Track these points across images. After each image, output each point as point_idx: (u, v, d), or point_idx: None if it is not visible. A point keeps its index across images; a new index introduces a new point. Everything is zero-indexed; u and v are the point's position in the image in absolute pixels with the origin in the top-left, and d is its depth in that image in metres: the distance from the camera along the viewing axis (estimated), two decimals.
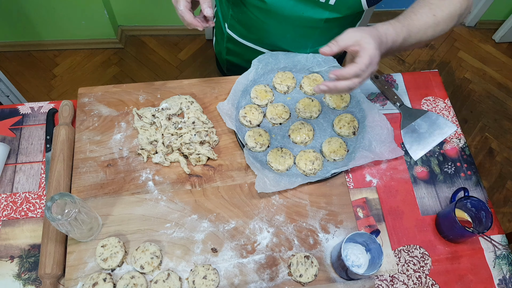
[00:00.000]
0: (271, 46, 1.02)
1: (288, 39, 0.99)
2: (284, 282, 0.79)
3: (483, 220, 0.82)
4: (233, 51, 1.12)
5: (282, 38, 0.98)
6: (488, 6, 2.31)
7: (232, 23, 1.03)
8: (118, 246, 0.79)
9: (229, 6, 1.00)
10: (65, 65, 2.17)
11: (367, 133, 0.93)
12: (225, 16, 1.04)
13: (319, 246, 0.83)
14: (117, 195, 0.86)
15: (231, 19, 1.02)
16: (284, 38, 0.99)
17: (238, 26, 1.02)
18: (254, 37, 1.03)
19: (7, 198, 0.87)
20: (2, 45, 2.15)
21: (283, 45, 1.01)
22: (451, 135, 1.00)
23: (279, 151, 0.90)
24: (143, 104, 0.97)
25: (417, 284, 0.82)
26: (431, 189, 0.92)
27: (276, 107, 0.96)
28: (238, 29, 1.03)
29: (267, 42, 1.02)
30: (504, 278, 0.83)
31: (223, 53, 1.16)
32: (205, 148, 0.90)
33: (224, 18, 1.06)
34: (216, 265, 0.80)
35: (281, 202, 0.87)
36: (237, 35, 1.05)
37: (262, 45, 1.04)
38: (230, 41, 1.09)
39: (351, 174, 0.93)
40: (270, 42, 1.01)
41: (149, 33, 2.26)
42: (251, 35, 1.02)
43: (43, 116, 0.97)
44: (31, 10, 1.94)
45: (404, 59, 2.33)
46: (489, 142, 2.10)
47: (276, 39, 0.99)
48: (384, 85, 1.04)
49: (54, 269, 0.76)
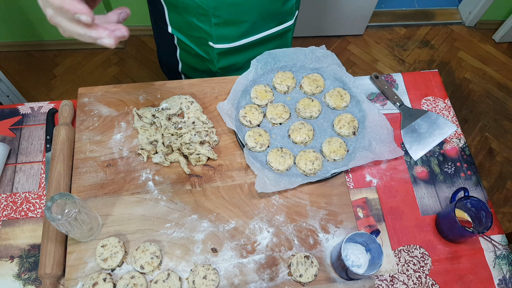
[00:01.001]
0: (262, 21, 0.98)
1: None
2: (284, 282, 0.79)
3: (483, 220, 0.82)
4: (226, 66, 1.08)
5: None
6: (488, 6, 2.32)
7: (218, 33, 0.97)
8: (118, 246, 0.79)
9: (209, 15, 0.93)
10: (65, 65, 2.17)
11: (367, 133, 0.93)
12: (208, 34, 0.98)
13: (319, 246, 0.83)
14: (117, 195, 0.86)
15: (217, 28, 0.96)
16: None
17: (225, 29, 0.97)
18: (246, 26, 0.97)
19: (7, 198, 0.87)
20: (2, 45, 2.15)
21: (272, 7, 0.95)
22: (451, 135, 1.00)
23: (279, 151, 0.90)
24: (143, 104, 0.97)
25: (417, 284, 0.82)
26: (431, 189, 0.92)
27: (276, 107, 0.96)
28: (226, 33, 0.98)
29: (259, 20, 0.97)
30: (504, 278, 0.83)
31: (214, 70, 1.11)
32: (205, 148, 0.90)
33: (208, 38, 0.99)
34: (216, 265, 0.80)
35: (281, 202, 0.87)
36: (227, 42, 1.00)
37: (254, 30, 0.99)
38: (222, 57, 1.04)
39: (351, 174, 0.93)
40: (260, 16, 0.96)
41: (149, 33, 2.26)
42: (242, 26, 0.97)
43: (43, 116, 0.97)
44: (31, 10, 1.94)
45: (404, 59, 2.33)
46: (489, 142, 2.10)
47: (266, 5, 0.94)
48: (384, 85, 1.04)
49: (54, 269, 0.76)
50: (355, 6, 2.15)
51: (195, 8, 0.91)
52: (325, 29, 2.33)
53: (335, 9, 2.17)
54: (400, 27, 2.46)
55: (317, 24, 2.28)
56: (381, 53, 2.35)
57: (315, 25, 2.29)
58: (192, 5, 0.91)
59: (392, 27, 2.46)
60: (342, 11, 2.19)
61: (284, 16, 1.03)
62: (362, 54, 2.34)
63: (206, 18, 0.94)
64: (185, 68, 1.19)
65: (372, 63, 2.31)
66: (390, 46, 2.38)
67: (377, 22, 2.45)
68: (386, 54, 2.35)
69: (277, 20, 1.02)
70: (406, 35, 2.43)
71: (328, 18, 2.24)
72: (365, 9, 2.19)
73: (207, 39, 1.00)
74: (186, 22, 0.98)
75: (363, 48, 2.37)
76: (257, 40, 1.04)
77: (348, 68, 2.27)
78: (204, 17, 0.93)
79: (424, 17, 2.48)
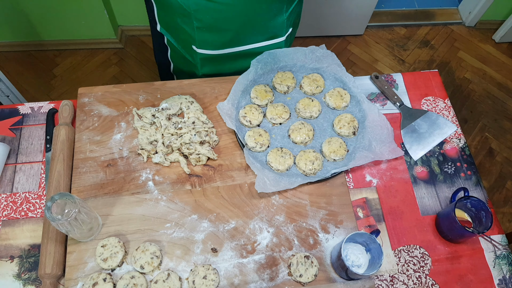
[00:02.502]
0: (247, 32, 0.96)
1: (264, 9, 0.92)
2: (284, 282, 0.79)
3: (483, 220, 0.82)
4: (211, 74, 1.07)
5: (256, 11, 0.91)
6: (488, 6, 2.32)
7: (201, 38, 0.97)
8: (118, 246, 0.79)
9: (191, 18, 0.92)
10: (65, 65, 2.17)
11: (367, 133, 0.93)
12: (191, 36, 0.97)
13: (319, 246, 0.83)
14: (117, 195, 0.86)
15: (199, 32, 0.95)
16: (260, 9, 0.92)
17: (208, 35, 0.96)
18: (229, 35, 0.96)
19: (7, 198, 0.87)
20: (2, 45, 2.15)
21: (258, 19, 0.94)
22: (451, 135, 1.00)
23: (279, 151, 0.90)
24: (143, 104, 0.97)
25: (417, 284, 0.82)
26: (431, 189, 0.92)
27: (276, 107, 0.96)
28: (209, 39, 0.97)
29: (243, 30, 0.95)
30: (504, 278, 0.83)
31: (198, 75, 1.10)
32: (205, 148, 0.90)
33: (191, 40, 0.99)
34: (216, 265, 0.80)
35: (281, 202, 0.87)
36: (210, 49, 1.00)
37: (239, 40, 0.98)
38: (205, 63, 1.04)
39: (351, 174, 0.93)
40: (244, 26, 0.94)
41: (149, 33, 2.25)
42: (225, 34, 0.96)
43: (43, 116, 0.97)
44: (31, 10, 1.94)
45: (404, 59, 2.33)
46: (489, 142, 2.10)
47: (251, 17, 0.92)
48: (384, 85, 1.04)
49: (54, 269, 0.76)
50: (355, 6, 2.15)
51: (178, 8, 0.91)
52: (325, 29, 2.33)
53: (335, 9, 2.17)
54: (400, 27, 2.46)
55: (317, 24, 2.28)
56: (381, 53, 2.35)
57: (315, 25, 2.29)
58: (175, 5, 0.91)
59: (392, 27, 2.46)
60: (342, 11, 2.19)
61: (274, 31, 1.01)
62: (362, 54, 2.34)
63: (189, 20, 0.93)
64: (176, 69, 1.19)
65: (372, 63, 2.31)
66: (390, 46, 2.38)
67: (377, 22, 2.45)
68: (386, 54, 2.35)
69: (265, 34, 1.01)
70: (406, 35, 2.43)
71: (328, 18, 2.24)
72: (365, 9, 2.19)
73: (191, 42, 0.99)
74: (172, 21, 0.99)
75: (363, 48, 2.37)
76: (243, 52, 1.03)
77: (348, 68, 2.27)
78: (187, 19, 0.93)
79: (424, 17, 2.48)
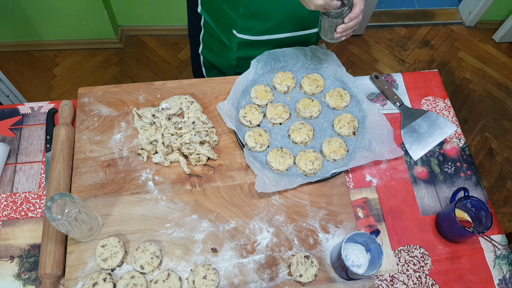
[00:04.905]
0: (288, 22, 0.99)
1: None
2: (284, 282, 0.79)
3: (483, 220, 0.82)
4: (245, 57, 1.08)
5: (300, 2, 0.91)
6: (488, 6, 2.31)
7: (243, 24, 0.99)
8: (118, 246, 0.79)
9: (238, 4, 0.95)
10: (65, 65, 2.17)
11: (367, 133, 0.93)
12: (234, 22, 1.00)
13: (319, 246, 0.83)
14: (117, 195, 0.86)
15: (243, 18, 0.97)
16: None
17: (251, 21, 0.98)
18: (271, 23, 0.98)
19: (7, 198, 0.87)
20: (2, 45, 2.15)
21: (301, 11, 0.93)
22: (451, 135, 1.00)
23: (279, 151, 0.90)
24: (143, 104, 0.97)
25: (417, 284, 0.82)
26: (431, 189, 0.92)
27: (276, 107, 0.96)
28: (251, 25, 0.99)
29: (285, 20, 0.98)
30: (504, 278, 0.83)
31: (233, 65, 1.12)
32: (205, 148, 0.90)
33: (232, 25, 1.01)
34: (216, 265, 0.80)
35: (281, 202, 0.87)
36: (250, 34, 1.02)
37: (278, 29, 1.00)
38: (242, 47, 1.05)
39: (351, 174, 0.93)
40: (287, 16, 0.97)
41: (149, 33, 2.26)
42: (268, 22, 0.98)
43: (43, 116, 0.97)
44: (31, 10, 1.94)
45: (404, 59, 2.33)
46: (489, 142, 2.10)
47: (295, 8, 0.94)
48: (384, 85, 1.04)
49: (54, 269, 0.76)
50: None
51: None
52: None
53: None
54: (400, 27, 2.46)
55: None
56: (381, 53, 2.35)
57: None
58: None
59: (392, 27, 2.46)
60: None
61: (311, 22, 1.03)
62: (362, 54, 2.34)
63: (235, 6, 0.95)
64: (204, 51, 1.20)
65: (372, 63, 2.31)
66: (390, 46, 2.38)
67: (377, 22, 2.45)
68: (386, 54, 2.35)
69: (302, 24, 1.03)
70: (406, 35, 2.43)
71: None
72: (365, 9, 2.19)
73: (232, 26, 1.01)
74: (216, 5, 1.00)
75: (363, 48, 2.37)
76: (279, 39, 1.04)
77: (348, 68, 2.27)
78: (233, 4, 0.95)
79: (424, 17, 2.48)
